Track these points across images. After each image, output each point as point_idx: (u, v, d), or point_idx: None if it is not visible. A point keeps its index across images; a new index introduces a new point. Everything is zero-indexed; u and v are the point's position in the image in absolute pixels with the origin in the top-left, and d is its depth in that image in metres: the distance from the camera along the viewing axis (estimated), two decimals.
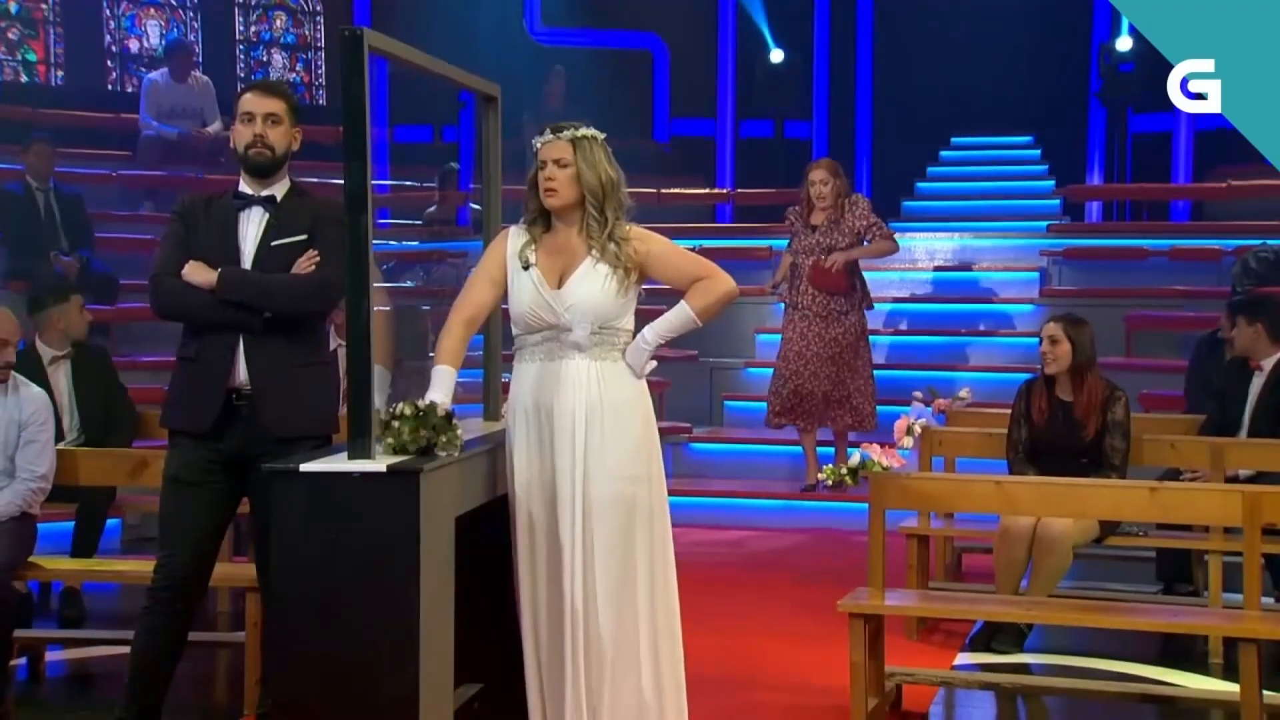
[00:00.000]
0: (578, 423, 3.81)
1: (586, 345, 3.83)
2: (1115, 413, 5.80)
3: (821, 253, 8.06)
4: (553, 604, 3.82)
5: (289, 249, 4.04)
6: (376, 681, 3.36)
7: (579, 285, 3.83)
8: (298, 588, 3.43)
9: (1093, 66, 13.01)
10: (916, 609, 5.37)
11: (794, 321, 8.17)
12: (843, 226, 8.08)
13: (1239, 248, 10.12)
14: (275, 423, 3.95)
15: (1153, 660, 5.43)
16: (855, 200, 8.18)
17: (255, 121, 4.06)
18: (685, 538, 8.28)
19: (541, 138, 3.88)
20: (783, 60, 13.56)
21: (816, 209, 8.09)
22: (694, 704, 4.84)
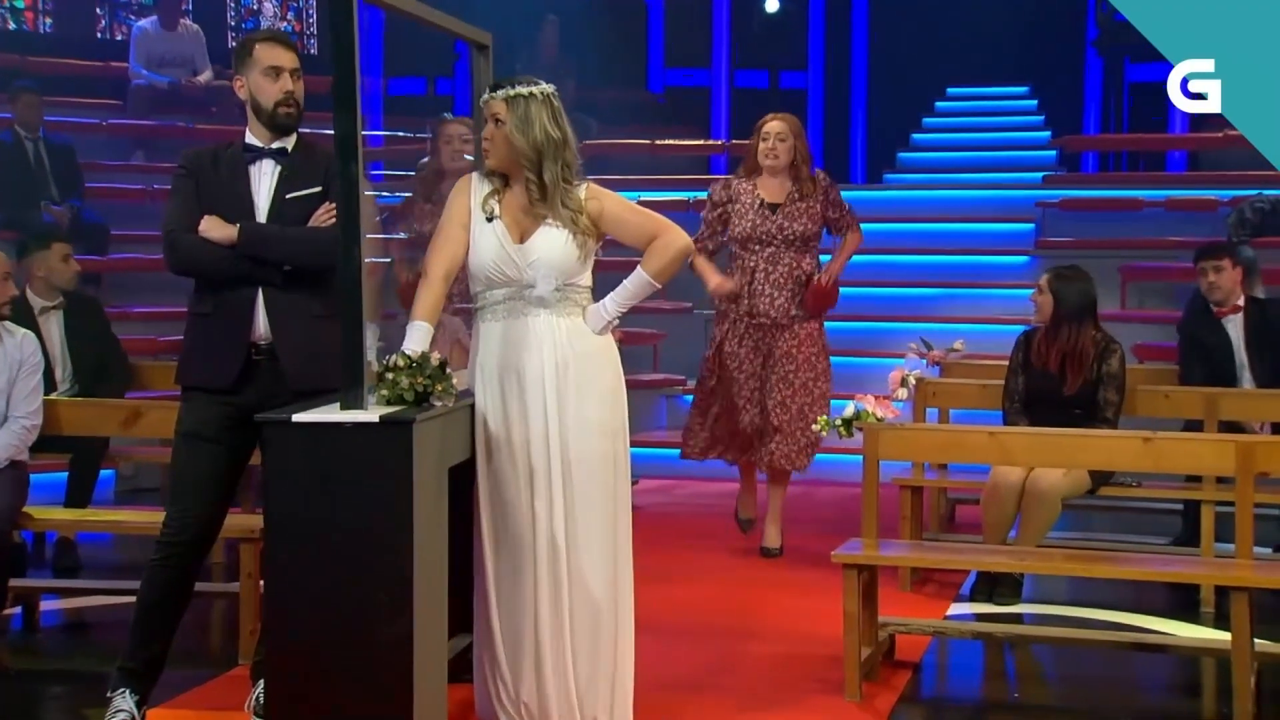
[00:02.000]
0: (548, 379, 3.81)
1: (551, 301, 3.83)
2: (1110, 365, 5.80)
3: (786, 245, 6.15)
4: (522, 565, 3.80)
5: (305, 202, 3.98)
6: (371, 630, 3.37)
7: (541, 240, 3.82)
8: (293, 538, 3.43)
9: (1089, 15, 12.93)
10: (910, 559, 5.39)
11: (736, 331, 6.20)
12: (811, 210, 6.19)
13: (1235, 198, 10.09)
14: (297, 376, 3.91)
15: (1146, 610, 5.46)
16: (824, 177, 6.37)
17: (284, 77, 3.99)
18: (681, 489, 8.37)
19: (484, 95, 3.87)
20: (778, 10, 13.48)
21: (764, 176, 6.20)
22: (688, 654, 4.89)
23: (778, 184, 6.21)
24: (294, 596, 3.43)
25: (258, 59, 3.99)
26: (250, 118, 4.04)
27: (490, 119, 3.84)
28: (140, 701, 3.98)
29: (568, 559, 3.81)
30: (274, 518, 3.47)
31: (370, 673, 3.38)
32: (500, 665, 3.86)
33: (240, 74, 4.03)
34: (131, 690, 3.97)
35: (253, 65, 3.99)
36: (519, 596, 3.83)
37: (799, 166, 6.22)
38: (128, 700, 3.95)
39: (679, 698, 4.41)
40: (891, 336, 8.77)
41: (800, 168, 6.22)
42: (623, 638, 3.90)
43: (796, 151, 6.21)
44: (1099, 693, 4.74)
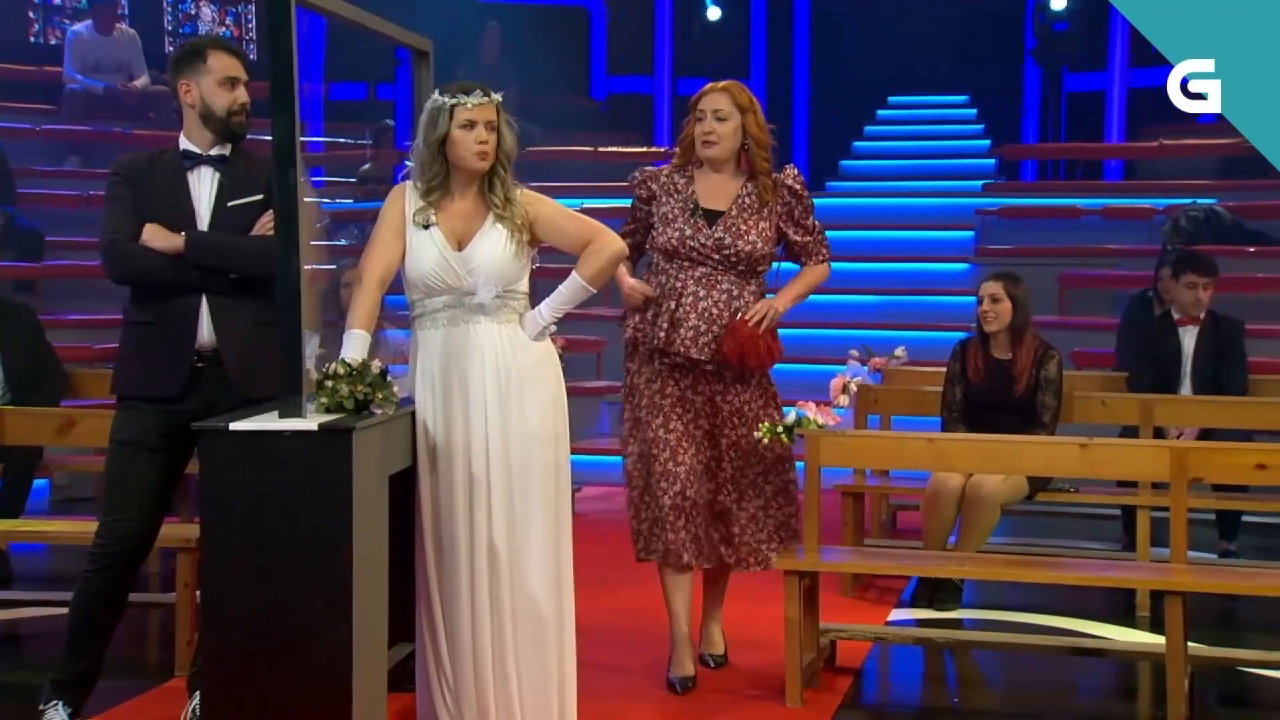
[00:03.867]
0: (490, 387, 3.81)
1: (491, 308, 3.83)
2: (1048, 370, 5.87)
3: (726, 266, 4.50)
4: (464, 573, 3.79)
5: (246, 209, 3.94)
6: (309, 640, 3.35)
7: (481, 247, 3.82)
8: (230, 547, 3.40)
9: (1028, 25, 13.09)
10: (851, 565, 5.42)
11: (650, 370, 4.57)
12: (764, 222, 4.54)
13: (1169, 206, 10.26)
14: (243, 383, 3.88)
15: (1084, 614, 5.52)
16: (791, 176, 4.65)
17: (240, 88, 3.97)
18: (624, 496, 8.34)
19: (470, 98, 3.81)
20: (720, 18, 13.53)
21: (705, 169, 4.58)
22: (629, 660, 4.89)
23: (720, 182, 4.54)
24: (231, 606, 3.40)
25: (212, 67, 3.95)
26: (193, 123, 3.99)
27: (483, 124, 3.82)
28: (74, 714, 3.94)
29: (509, 567, 3.81)
30: (211, 527, 3.44)
31: (308, 683, 3.35)
32: (444, 674, 3.84)
33: (189, 79, 3.97)
34: (65, 702, 3.93)
35: (206, 73, 3.95)
36: (461, 605, 3.81)
37: (753, 157, 4.53)
38: (60, 713, 3.91)
39: (621, 705, 4.41)
40: (833, 343, 8.82)
41: (755, 159, 4.53)
42: (565, 645, 3.91)
43: (747, 135, 4.51)
44: (1038, 697, 4.79)
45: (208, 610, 3.46)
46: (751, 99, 4.57)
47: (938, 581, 5.65)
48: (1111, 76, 12.73)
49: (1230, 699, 4.68)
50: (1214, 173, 11.26)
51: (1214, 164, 11.43)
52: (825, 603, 4.87)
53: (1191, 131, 12.10)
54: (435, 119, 3.81)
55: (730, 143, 4.51)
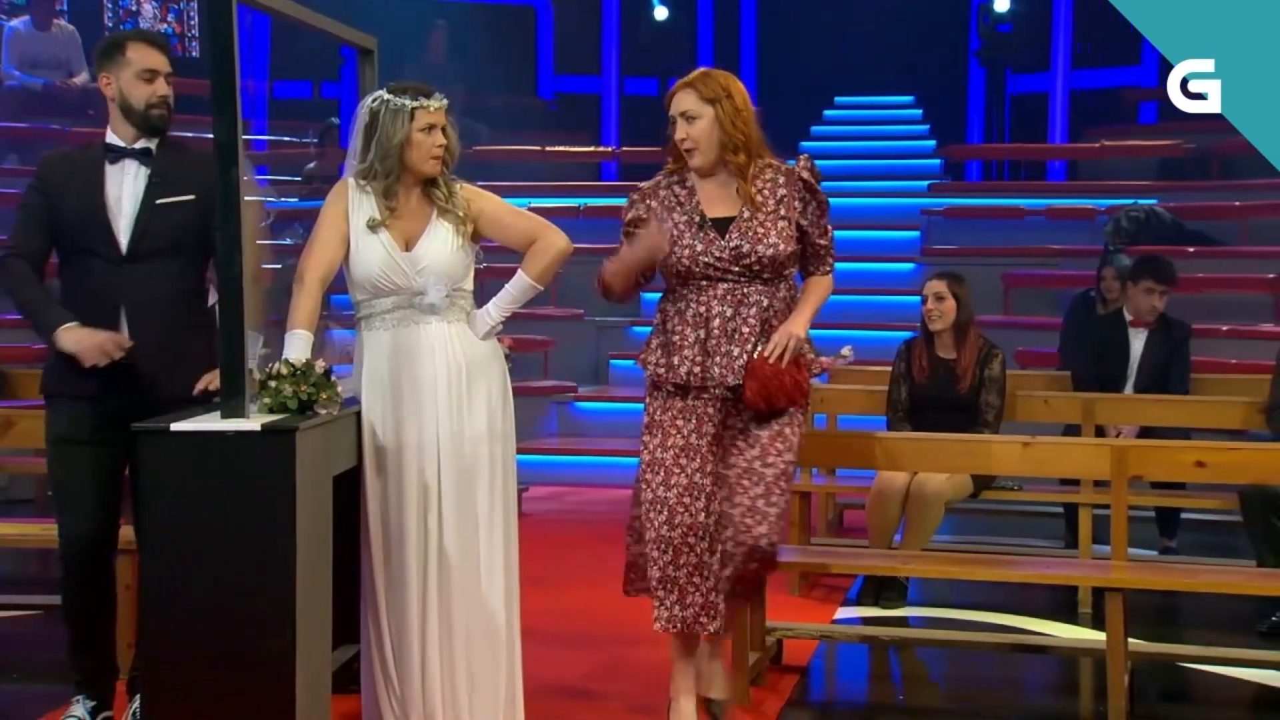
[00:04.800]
0: (441, 386, 3.80)
1: (441, 308, 3.81)
2: (991, 369, 5.92)
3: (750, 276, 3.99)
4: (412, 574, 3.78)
5: (177, 208, 3.88)
6: (252, 643, 3.32)
7: (429, 246, 3.81)
8: (171, 549, 3.37)
9: (972, 27, 13.21)
10: (797, 564, 5.44)
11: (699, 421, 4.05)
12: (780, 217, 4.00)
13: (1111, 207, 10.38)
14: (159, 385, 3.85)
15: (1028, 611, 5.58)
16: (805, 167, 4.09)
17: (159, 81, 3.91)
18: (572, 497, 8.37)
19: (432, 102, 3.80)
20: (667, 18, 13.55)
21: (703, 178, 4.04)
22: (576, 660, 4.89)
23: (723, 184, 4.02)
24: (171, 609, 3.37)
25: (131, 60, 3.90)
26: (115, 116, 3.94)
27: (438, 127, 3.80)
28: (97, 707, 3.98)
29: (460, 572, 3.80)
30: (150, 529, 3.42)
31: (251, 685, 3.33)
32: (390, 676, 3.83)
33: (108, 72, 3.93)
34: (87, 696, 3.97)
35: (125, 65, 3.90)
36: (410, 608, 3.80)
37: (747, 145, 3.98)
38: (81, 707, 3.96)
39: (567, 705, 4.41)
40: None
41: (747, 144, 3.98)
42: (513, 648, 3.90)
43: (733, 126, 3.95)
44: (982, 693, 4.83)
45: (147, 613, 3.43)
46: (723, 86, 3.97)
47: (883, 580, 5.69)
48: (1054, 78, 12.88)
49: (1170, 694, 4.74)
50: (1154, 174, 11.41)
51: (1154, 165, 11.58)
52: (772, 601, 4.89)
53: (1133, 133, 12.28)
54: (395, 120, 3.77)
55: (709, 143, 3.97)
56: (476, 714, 3.83)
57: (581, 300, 10.32)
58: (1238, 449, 4.96)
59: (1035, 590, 5.77)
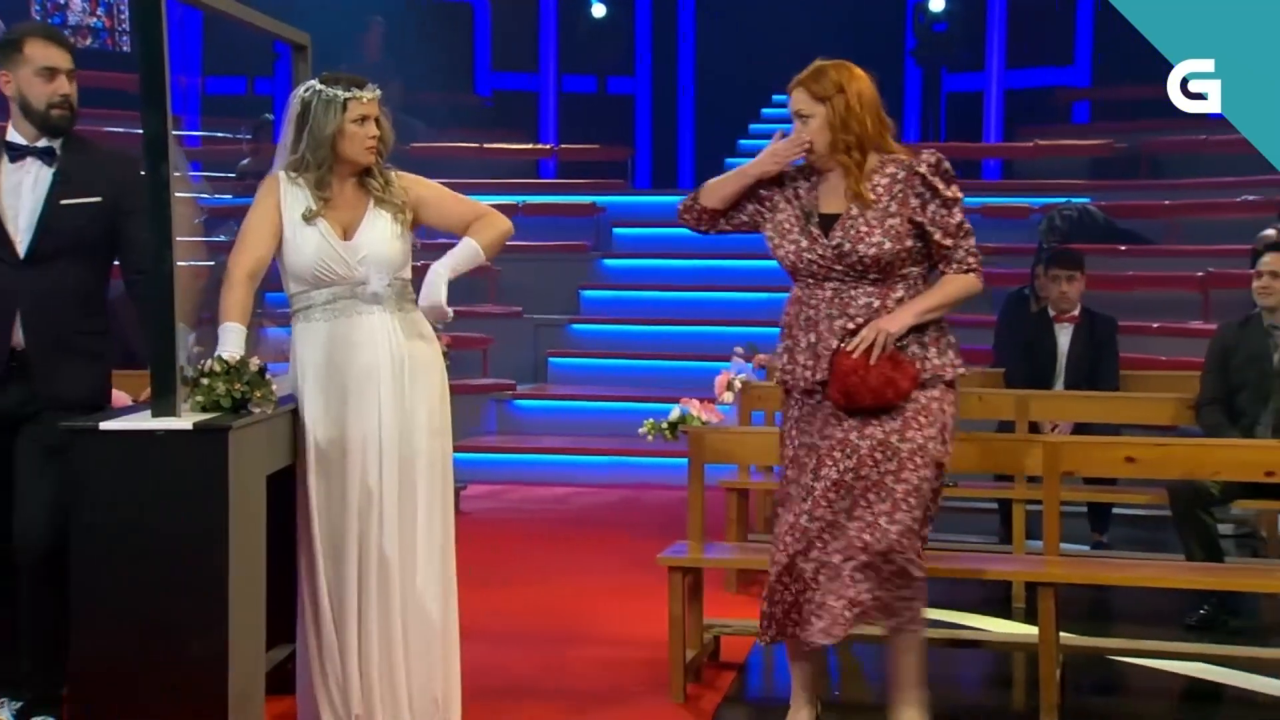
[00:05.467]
0: (384, 377, 3.77)
1: (385, 297, 3.80)
2: None
3: (855, 277, 3.84)
4: (352, 572, 3.75)
5: (81, 210, 3.79)
6: (183, 644, 3.30)
7: (368, 235, 3.79)
8: (100, 550, 3.34)
9: (908, 26, 13.31)
10: (734, 561, 5.47)
11: (801, 416, 3.92)
12: (892, 216, 3.81)
13: (1045, 205, 10.51)
14: (46, 387, 3.78)
15: (962, 607, 5.63)
16: (930, 161, 3.88)
17: (59, 79, 3.82)
18: (510, 495, 8.36)
19: (365, 92, 3.77)
20: (604, 15, 13.55)
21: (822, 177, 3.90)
22: (515, 659, 4.89)
23: (838, 180, 3.87)
24: (100, 611, 3.33)
25: (29, 57, 3.81)
26: (16, 114, 3.84)
27: (371, 118, 3.78)
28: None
29: (398, 565, 3.78)
30: (78, 530, 3.37)
31: (183, 688, 3.30)
32: (328, 676, 3.80)
33: (7, 70, 3.83)
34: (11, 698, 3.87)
35: (23, 63, 3.81)
36: (350, 609, 3.77)
37: (861, 143, 3.82)
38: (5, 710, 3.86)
39: (505, 704, 4.40)
40: (717, 340, 8.90)
41: (861, 142, 3.83)
42: (450, 645, 3.89)
43: (844, 125, 3.82)
44: None
45: (76, 615, 3.39)
46: (835, 83, 3.84)
47: None
48: (989, 77, 13.01)
49: (1101, 687, 4.81)
50: (1087, 173, 11.57)
51: (1087, 164, 11.74)
52: (710, 599, 4.91)
53: (1066, 133, 12.44)
54: (327, 111, 3.75)
55: (822, 142, 3.82)
56: (416, 714, 3.81)
57: (520, 298, 10.31)
58: (1167, 445, 5.04)
59: (970, 585, 5.82)
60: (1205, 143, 10.86)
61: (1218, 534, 5.36)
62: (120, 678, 3.32)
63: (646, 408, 8.39)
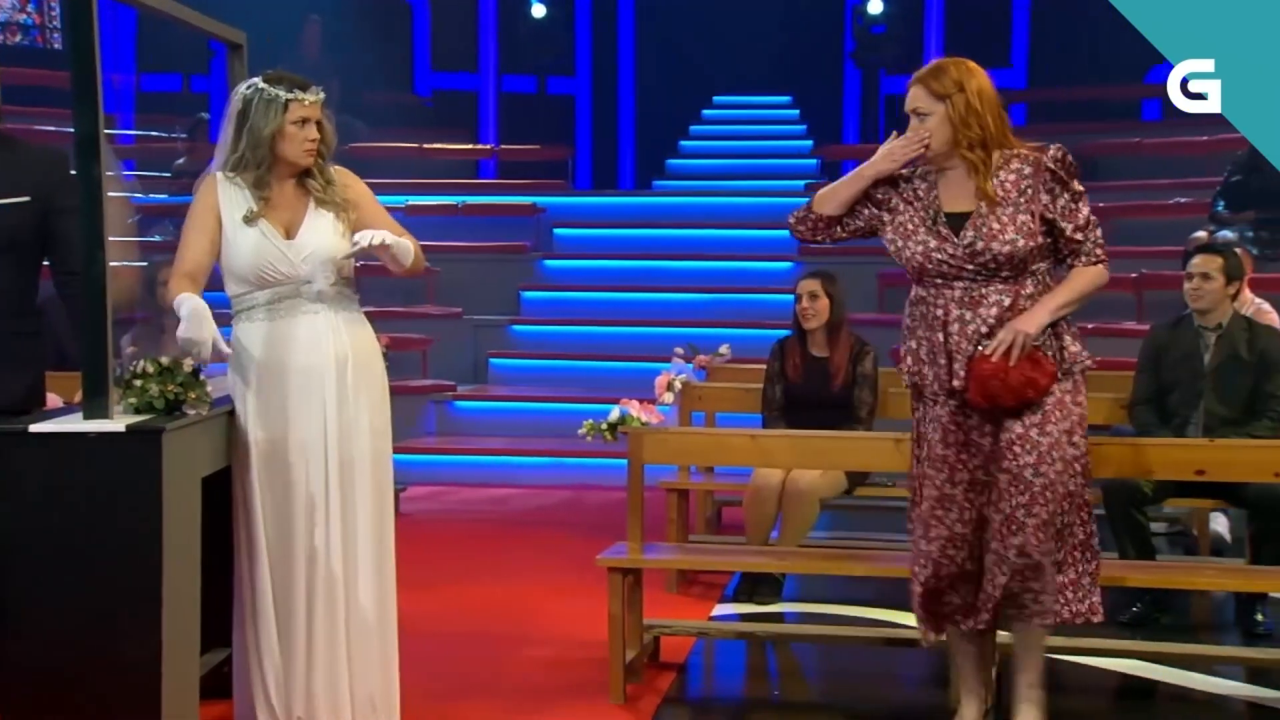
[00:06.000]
0: (328, 377, 3.75)
1: (329, 295, 3.78)
2: (864, 367, 6.02)
3: (986, 275, 3.81)
4: (295, 574, 3.73)
5: (10, 211, 3.71)
6: (117, 649, 3.27)
7: (312, 234, 3.77)
8: (31, 554, 3.30)
9: (847, 27, 13.40)
10: (673, 562, 5.49)
11: (943, 430, 3.88)
12: (1021, 212, 3.79)
13: None
14: None
15: (901, 606, 5.67)
16: (1057, 157, 3.84)
17: None
18: (450, 496, 8.33)
19: (307, 95, 3.74)
20: (544, 16, 13.54)
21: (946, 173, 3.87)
22: (455, 660, 4.88)
23: (961, 179, 3.84)
24: (31, 616, 3.29)
25: None
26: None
27: (312, 121, 3.75)
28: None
29: (340, 565, 3.76)
30: (8, 534, 3.32)
31: (116, 694, 3.27)
32: (268, 679, 3.76)
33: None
34: None
35: None
36: (296, 608, 3.74)
37: (984, 140, 3.80)
38: None
39: (444, 705, 4.39)
40: (657, 341, 8.91)
41: (984, 139, 3.80)
42: (389, 646, 3.88)
43: (964, 123, 3.79)
44: (856, 688, 4.91)
45: (5, 620, 3.34)
46: (956, 80, 3.81)
47: (759, 576, 5.75)
48: None
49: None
50: None
51: None
52: (650, 599, 4.91)
53: None
54: (267, 110, 3.71)
55: (942, 139, 3.81)
56: (358, 713, 3.79)
57: (460, 299, 10.28)
58: (1101, 444, 5.07)
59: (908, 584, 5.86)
60: (1140, 145, 11.01)
61: (1150, 532, 5.44)
62: (52, 684, 3.28)
63: (587, 408, 8.41)
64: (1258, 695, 4.64)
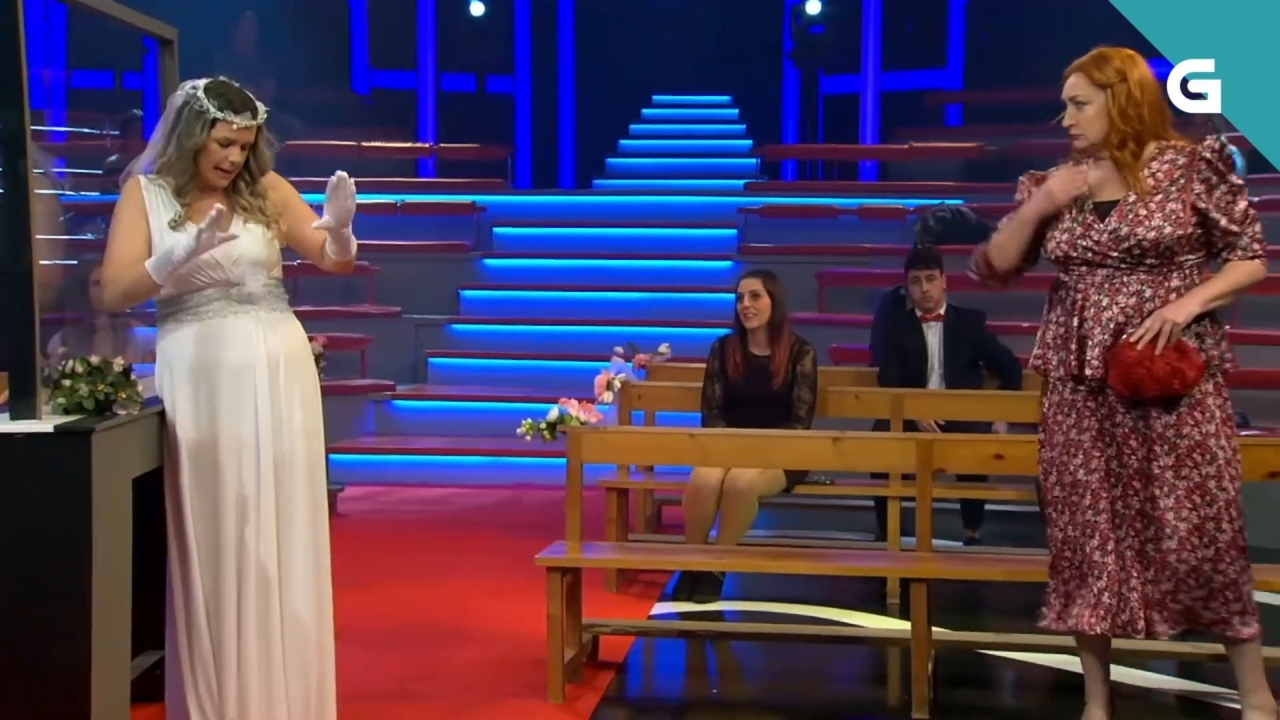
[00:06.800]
0: (260, 377, 3.72)
1: (260, 296, 3.75)
2: (803, 366, 6.04)
3: (1130, 264, 3.78)
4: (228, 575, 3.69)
5: None
6: (45, 652, 3.22)
7: (242, 238, 3.73)
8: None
9: (785, 28, 13.46)
10: (612, 561, 5.48)
11: (1065, 403, 3.87)
12: (1172, 202, 3.76)
13: (920, 206, 10.69)
14: None
15: (839, 603, 5.70)
16: (1213, 149, 3.78)
17: None
18: (388, 496, 8.28)
19: (239, 119, 3.64)
20: (483, 14, 13.48)
21: (1099, 163, 3.87)
22: (393, 660, 4.84)
23: (1112, 167, 3.84)
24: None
25: None
26: None
27: (241, 145, 3.68)
28: None
29: (275, 567, 3.72)
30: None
31: (45, 698, 3.22)
32: (200, 681, 3.71)
33: None
34: None
35: None
36: (227, 609, 3.70)
37: (1140, 133, 3.78)
38: None
39: (382, 705, 4.36)
40: (597, 340, 8.91)
41: (1140, 132, 3.78)
42: (325, 647, 3.85)
43: (1124, 115, 3.78)
44: (794, 685, 4.92)
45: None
46: (1119, 70, 3.76)
47: (698, 575, 5.75)
48: (865, 80, 13.20)
49: (970, 680, 4.89)
50: (959, 175, 11.79)
51: (959, 166, 11.97)
52: (590, 598, 4.90)
53: (939, 135, 12.67)
54: (194, 122, 3.64)
55: (1096, 131, 3.80)
56: (294, 715, 3.76)
57: (399, 298, 10.21)
58: (1034, 441, 5.14)
59: (846, 582, 5.90)
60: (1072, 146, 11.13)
61: None
62: None
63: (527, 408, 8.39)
64: (1187, 688, 4.70)
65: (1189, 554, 3.71)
